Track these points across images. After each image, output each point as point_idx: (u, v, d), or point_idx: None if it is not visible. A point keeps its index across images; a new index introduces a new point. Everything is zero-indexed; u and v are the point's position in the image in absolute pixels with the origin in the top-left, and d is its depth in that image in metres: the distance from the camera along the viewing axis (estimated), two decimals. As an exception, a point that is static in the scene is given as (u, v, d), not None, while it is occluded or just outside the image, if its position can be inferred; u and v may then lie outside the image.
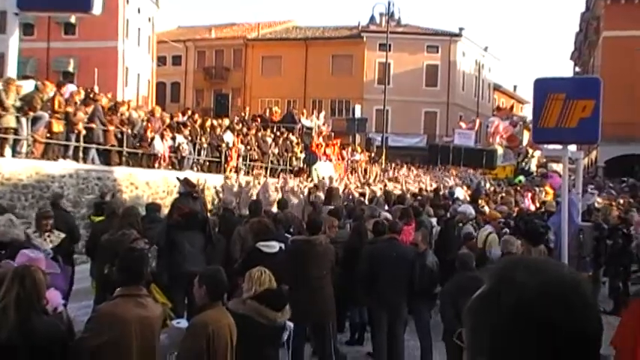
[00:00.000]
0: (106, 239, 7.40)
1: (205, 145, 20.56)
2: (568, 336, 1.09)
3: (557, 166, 30.05)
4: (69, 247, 8.46)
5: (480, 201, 15.39)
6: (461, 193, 20.27)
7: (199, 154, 20.34)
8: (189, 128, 20.00)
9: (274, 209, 11.54)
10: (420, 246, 8.50)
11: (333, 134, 32.82)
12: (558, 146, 7.39)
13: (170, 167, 18.73)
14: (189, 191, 8.77)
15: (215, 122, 22.15)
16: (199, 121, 21.25)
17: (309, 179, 21.06)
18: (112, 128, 16.51)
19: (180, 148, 19.09)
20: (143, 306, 4.45)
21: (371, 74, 51.31)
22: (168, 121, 19.70)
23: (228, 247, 8.81)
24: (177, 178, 9.43)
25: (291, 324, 5.19)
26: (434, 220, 12.27)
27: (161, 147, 18.27)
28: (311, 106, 48.90)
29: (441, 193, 18.87)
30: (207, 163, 20.74)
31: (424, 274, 8.10)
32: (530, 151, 41.53)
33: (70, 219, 9.78)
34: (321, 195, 14.18)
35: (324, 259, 7.45)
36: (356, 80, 50.46)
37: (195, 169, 19.60)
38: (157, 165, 18.26)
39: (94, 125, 15.94)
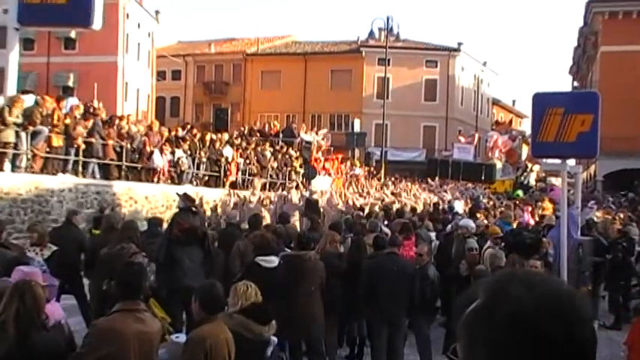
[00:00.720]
0: (104, 253, 7.39)
1: (204, 160, 20.58)
2: (564, 350, 1.09)
3: (557, 180, 30.09)
4: (65, 260, 8.44)
5: (478, 215, 15.38)
6: (460, 207, 20.26)
7: (198, 169, 20.36)
8: (188, 142, 20.04)
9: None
10: (423, 258, 8.51)
11: (332, 148, 32.87)
12: (557, 160, 7.41)
13: (169, 182, 18.74)
14: (188, 206, 8.77)
15: (214, 136, 22.20)
16: (198, 136, 21.29)
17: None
18: (111, 142, 16.53)
19: (180, 162, 19.11)
20: (142, 321, 4.44)
21: (370, 89, 51.48)
22: (167, 135, 19.73)
23: (227, 262, 8.82)
24: (177, 193, 9.45)
25: (275, 339, 5.18)
26: (433, 235, 12.26)
27: (160, 161, 18.29)
28: (310, 121, 49.05)
29: (440, 207, 18.86)
30: (207, 178, 20.75)
31: (425, 287, 8.10)
32: (529, 165, 41.51)
33: (80, 236, 9.78)
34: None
35: (313, 274, 7.45)
36: (355, 95, 50.64)
37: (194, 183, 19.60)
38: (156, 179, 18.27)
39: (93, 140, 15.96)
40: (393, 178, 35.80)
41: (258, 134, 27.55)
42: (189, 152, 19.83)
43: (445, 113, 52.10)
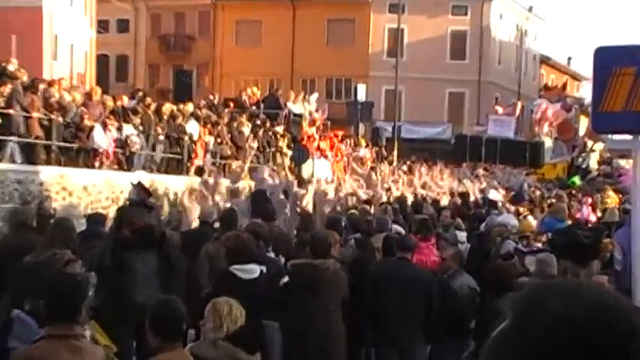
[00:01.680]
0: (28, 261, 7.34)
1: (162, 138, 20.53)
2: None
3: (626, 163, 30.14)
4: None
5: (520, 209, 15.41)
6: (497, 198, 20.32)
7: (154, 150, 20.31)
8: (140, 116, 19.97)
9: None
10: (448, 264, 8.51)
11: (329, 123, 32.78)
12: (627, 136, 7.38)
13: (115, 167, 18.67)
14: (142, 199, 8.75)
15: (175, 108, 22.11)
16: (154, 107, 21.21)
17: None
18: (36, 115, 16.43)
19: (129, 141, 19.05)
20: (78, 350, 4.40)
21: (379, 44, 51.44)
22: (112, 105, 19.66)
23: (193, 272, 8.82)
24: (131, 183, 9.43)
25: None
26: (463, 235, 12.28)
27: (103, 140, 18.21)
28: (300, 87, 48.79)
29: (472, 199, 18.90)
30: (165, 162, 20.69)
31: (450, 302, 8.11)
32: (590, 143, 41.61)
33: None
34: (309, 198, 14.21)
35: (333, 289, 7.53)
36: (359, 52, 50.60)
37: (148, 168, 19.56)
38: (97, 164, 18.20)
39: (11, 111, 15.86)
40: (409, 162, 35.85)
41: (232, 105, 27.48)
42: (141, 128, 19.77)
43: (477, 76, 52.12)
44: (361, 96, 37.36)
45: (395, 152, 36.41)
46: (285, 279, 7.69)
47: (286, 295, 7.38)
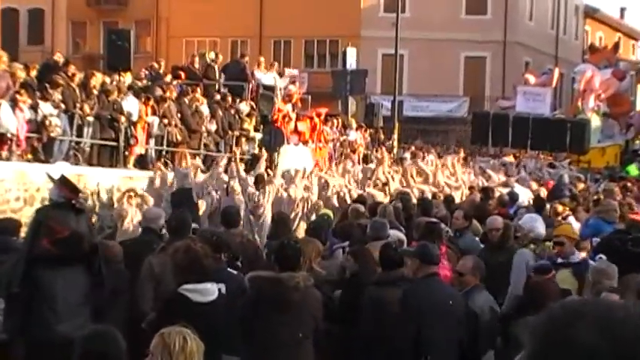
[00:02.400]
0: None
1: (91, 119, 20.44)
2: None
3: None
4: None
5: (560, 208, 15.46)
6: (525, 194, 20.37)
7: (80, 135, 20.22)
8: (61, 89, 19.87)
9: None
10: (467, 279, 8.56)
11: (309, 98, 32.72)
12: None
13: (30, 157, 18.59)
14: (67, 199, 8.73)
15: (107, 79, 22.01)
16: (79, 78, 21.11)
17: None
18: None
19: (48, 123, 18.97)
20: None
21: (374, -5, 51.37)
22: (23, 76, 19.56)
23: (133, 293, 8.83)
24: (48, 175, 9.36)
25: None
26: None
27: (12, 122, 18.15)
28: (272, 51, 48.78)
29: (495, 195, 18.94)
30: (96, 150, 20.62)
31: (468, 327, 8.26)
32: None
33: None
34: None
35: (302, 313, 7.50)
36: (348, 5, 50.53)
37: (74, 159, 19.49)
38: (5, 153, 18.13)
39: None
40: (413, 147, 35.85)
41: (182, 75, 27.38)
42: (63, 107, 19.67)
43: (502, 35, 52.16)
44: (351, 62, 37.24)
45: (395, 135, 36.37)
46: None
47: (249, 317, 7.36)
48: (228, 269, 8.56)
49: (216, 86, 27.13)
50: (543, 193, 20.78)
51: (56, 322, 7.94)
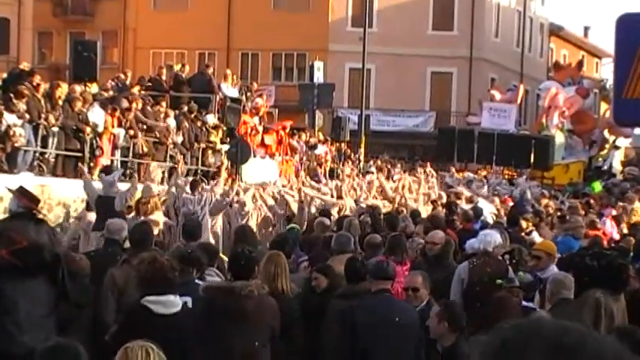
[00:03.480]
0: None
1: (56, 130, 20.34)
2: None
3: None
4: None
5: (524, 224, 15.55)
6: (488, 209, 20.46)
7: (45, 145, 20.11)
8: (26, 99, 19.76)
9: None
10: (419, 294, 8.55)
11: (277, 111, 32.71)
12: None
13: (-8, 167, 18.47)
14: (27, 209, 8.63)
15: (74, 90, 21.91)
16: (45, 88, 21.00)
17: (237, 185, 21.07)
18: None
19: (11, 133, 18.86)
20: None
21: (341, 10, 51.54)
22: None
23: (96, 305, 8.77)
24: (8, 189, 9.29)
25: None
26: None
27: (-24, 132, 18.03)
28: (239, 64, 48.79)
29: (459, 210, 19.02)
30: (61, 161, 20.51)
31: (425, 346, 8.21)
32: (611, 138, 42.20)
33: None
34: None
35: (257, 322, 7.44)
36: (316, 20, 50.64)
37: (38, 169, 19.38)
38: (-33, 163, 18.01)
39: None
40: (379, 162, 35.93)
41: (149, 86, 27.29)
42: (27, 117, 19.56)
43: (468, 51, 52.48)
44: (318, 76, 37.36)
45: (362, 149, 36.46)
46: None
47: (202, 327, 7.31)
48: (199, 281, 8.52)
49: (185, 99, 27.05)
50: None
51: (19, 333, 7.85)
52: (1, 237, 8.37)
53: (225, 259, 9.50)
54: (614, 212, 21.19)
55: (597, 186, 33.22)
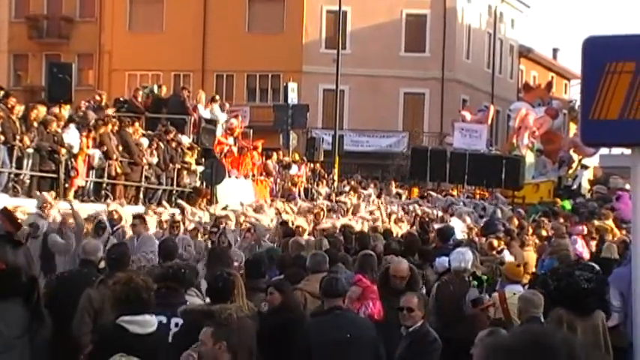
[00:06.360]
0: None
1: (31, 151, 20.26)
2: None
3: (627, 184, 30.82)
4: None
5: (495, 241, 15.62)
6: (459, 227, 20.51)
7: (20, 166, 20.02)
8: (1, 121, 19.69)
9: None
10: (414, 315, 8.55)
11: (251, 132, 32.69)
12: (625, 150, 7.51)
13: (-33, 188, 18.36)
14: (7, 232, 8.61)
15: (49, 112, 21.83)
16: (20, 110, 20.93)
17: (212, 207, 21.04)
18: None
19: (-14, 154, 18.78)
20: None
21: (315, 32, 51.65)
22: (-37, 108, 19.35)
23: (71, 325, 8.75)
24: (4, 210, 9.27)
25: None
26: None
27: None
28: (214, 85, 48.79)
29: (430, 230, 19.08)
30: (36, 182, 20.41)
31: (431, 358, 8.37)
32: (575, 157, 42.43)
33: None
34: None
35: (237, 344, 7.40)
36: (289, 42, 50.74)
37: (12, 190, 19.29)
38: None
39: None
40: (353, 182, 35.95)
41: (124, 108, 27.23)
42: (2, 138, 19.48)
43: (440, 73, 52.74)
44: (292, 97, 37.42)
45: (336, 169, 36.48)
46: None
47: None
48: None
49: (161, 120, 27.00)
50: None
51: (-9, 359, 7.81)
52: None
53: None
54: (584, 230, 21.24)
55: (567, 204, 33.37)
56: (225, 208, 20.33)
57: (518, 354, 1.15)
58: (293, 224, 17.62)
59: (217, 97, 31.62)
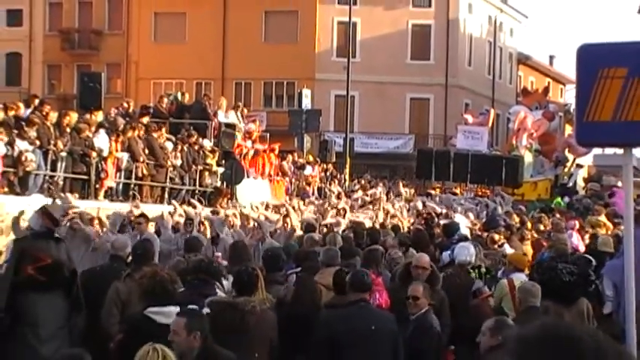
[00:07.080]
0: None
1: (64, 155, 20.30)
2: None
3: (619, 181, 30.64)
4: None
5: (496, 237, 15.55)
6: (464, 223, 20.43)
7: (54, 169, 20.07)
8: (37, 127, 19.72)
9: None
10: (420, 302, 8.54)
11: (268, 135, 32.71)
12: (618, 150, 7.48)
13: (6, 189, 18.40)
14: (47, 230, 8.62)
15: (81, 118, 21.87)
16: (54, 117, 20.98)
17: (232, 205, 21.01)
18: None
19: (23, 158, 18.80)
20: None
21: (327, 41, 51.64)
22: (1, 115, 19.40)
23: (101, 316, 8.76)
24: (43, 208, 9.26)
25: None
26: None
27: (-10, 158, 17.95)
28: (233, 92, 48.87)
29: (436, 223, 19.03)
30: (69, 183, 20.46)
31: (431, 342, 8.32)
32: (569, 157, 42.26)
33: None
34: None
35: (258, 335, 7.43)
36: (303, 51, 50.74)
37: (47, 191, 19.32)
38: (-17, 186, 17.93)
39: None
40: (363, 181, 35.93)
41: (150, 114, 27.27)
42: (38, 143, 19.52)
43: (444, 79, 52.69)
44: (306, 103, 37.50)
45: (347, 169, 36.49)
46: None
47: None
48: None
49: (184, 125, 27.04)
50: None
51: (39, 345, 7.85)
52: (26, 255, 8.40)
53: None
54: (577, 224, 21.14)
55: (560, 201, 33.27)
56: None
57: (549, 347, 1.12)
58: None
59: (240, 104, 31.71)
